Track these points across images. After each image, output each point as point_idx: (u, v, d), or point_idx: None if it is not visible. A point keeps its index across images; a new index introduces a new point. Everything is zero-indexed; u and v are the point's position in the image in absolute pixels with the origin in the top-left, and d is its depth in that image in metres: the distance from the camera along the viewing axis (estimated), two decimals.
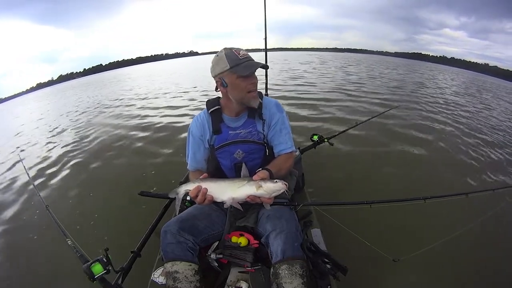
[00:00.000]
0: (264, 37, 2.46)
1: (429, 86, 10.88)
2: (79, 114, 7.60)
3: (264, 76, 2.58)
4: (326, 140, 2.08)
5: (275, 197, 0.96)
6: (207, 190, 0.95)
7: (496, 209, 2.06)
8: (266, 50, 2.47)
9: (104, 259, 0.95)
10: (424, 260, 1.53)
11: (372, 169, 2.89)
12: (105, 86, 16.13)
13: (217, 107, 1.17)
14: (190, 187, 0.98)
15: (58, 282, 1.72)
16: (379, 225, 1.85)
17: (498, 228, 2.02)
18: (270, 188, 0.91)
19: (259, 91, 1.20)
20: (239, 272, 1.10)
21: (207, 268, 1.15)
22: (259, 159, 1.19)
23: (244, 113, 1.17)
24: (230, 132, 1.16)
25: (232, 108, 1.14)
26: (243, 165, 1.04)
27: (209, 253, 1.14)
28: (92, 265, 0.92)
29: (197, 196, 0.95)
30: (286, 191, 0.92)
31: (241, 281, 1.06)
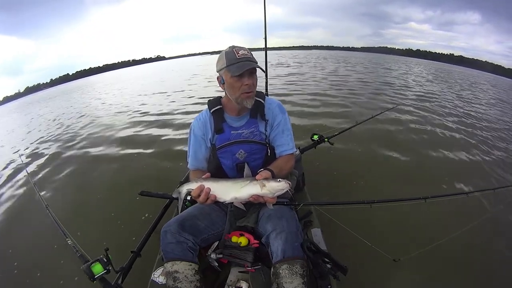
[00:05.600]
0: (264, 37, 2.46)
1: (418, 83, 10.94)
2: (77, 117, 7.60)
3: (264, 76, 2.58)
4: (326, 139, 2.07)
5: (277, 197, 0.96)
6: (210, 189, 0.95)
7: (497, 208, 2.06)
8: (266, 49, 2.47)
9: (104, 259, 0.95)
10: (424, 260, 1.53)
11: (372, 169, 2.89)
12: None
13: (218, 107, 1.17)
14: (192, 186, 0.97)
15: (58, 282, 1.71)
16: (379, 225, 1.85)
17: (499, 227, 2.02)
18: (274, 187, 0.91)
19: (260, 91, 1.20)
20: (239, 272, 1.10)
21: (207, 268, 1.15)
22: (260, 159, 1.19)
23: (246, 113, 1.17)
24: (232, 132, 1.15)
25: (233, 107, 1.14)
26: (246, 165, 1.04)
27: (209, 253, 1.14)
28: (92, 265, 0.92)
29: (199, 195, 0.95)
30: (290, 190, 0.92)
31: (241, 281, 1.06)
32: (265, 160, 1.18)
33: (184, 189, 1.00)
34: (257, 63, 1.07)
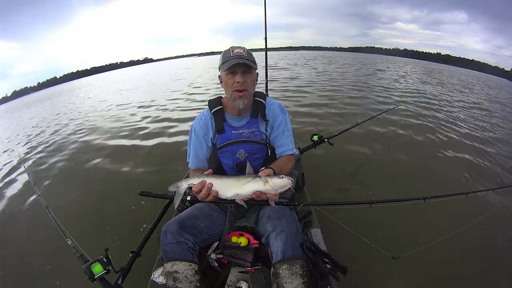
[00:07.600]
0: (264, 37, 2.47)
1: (413, 83, 10.98)
2: (78, 116, 7.60)
3: (265, 77, 2.59)
4: (326, 140, 2.08)
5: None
6: (211, 185, 0.94)
7: (495, 208, 2.06)
8: (266, 49, 2.48)
9: (104, 259, 0.95)
10: (424, 258, 1.54)
11: (372, 169, 2.89)
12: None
13: (219, 107, 1.17)
14: (193, 181, 0.96)
15: (58, 282, 1.71)
16: (379, 225, 1.85)
17: (498, 227, 2.02)
18: (276, 184, 0.91)
19: (261, 92, 1.21)
20: (239, 272, 1.10)
21: (207, 268, 1.15)
22: (261, 159, 1.19)
23: (247, 113, 1.17)
24: (233, 131, 1.16)
25: (233, 107, 1.14)
26: (248, 163, 1.03)
27: (209, 253, 1.14)
28: (92, 265, 0.92)
29: (200, 191, 0.94)
30: (292, 187, 0.92)
31: (241, 281, 1.06)
32: (266, 160, 1.19)
33: (185, 184, 0.99)
34: (253, 62, 1.07)
